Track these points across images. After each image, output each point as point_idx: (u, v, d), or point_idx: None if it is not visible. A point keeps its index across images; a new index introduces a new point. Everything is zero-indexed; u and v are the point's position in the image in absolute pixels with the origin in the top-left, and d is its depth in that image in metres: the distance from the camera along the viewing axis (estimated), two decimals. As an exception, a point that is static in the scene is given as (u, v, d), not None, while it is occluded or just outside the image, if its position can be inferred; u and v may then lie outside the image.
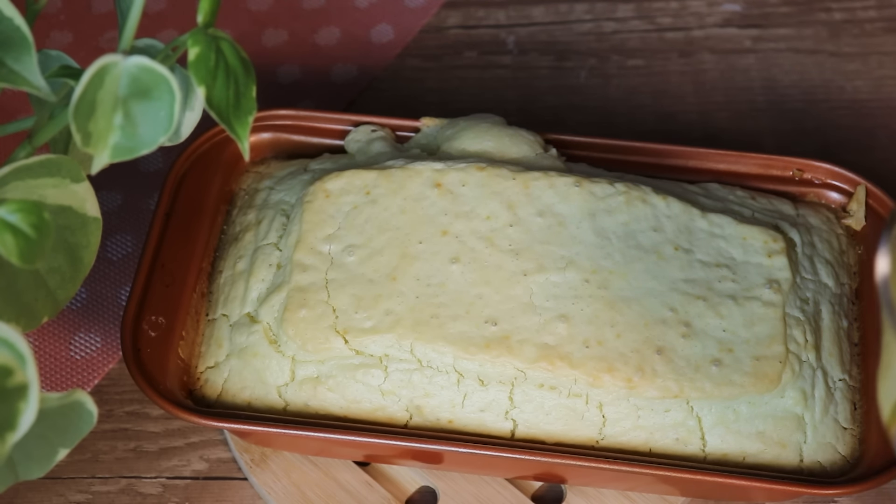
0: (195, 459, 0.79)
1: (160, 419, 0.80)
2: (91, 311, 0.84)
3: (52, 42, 0.96)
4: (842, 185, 0.80)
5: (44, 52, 0.65)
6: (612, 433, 0.71)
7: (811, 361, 0.72)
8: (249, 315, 0.74)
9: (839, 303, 0.75)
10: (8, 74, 0.59)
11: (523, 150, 0.78)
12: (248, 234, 0.77)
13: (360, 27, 0.98)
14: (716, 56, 0.97)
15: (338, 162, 0.80)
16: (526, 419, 0.71)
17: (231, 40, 0.60)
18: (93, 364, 0.82)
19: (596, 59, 0.97)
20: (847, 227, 0.79)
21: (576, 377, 0.70)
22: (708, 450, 0.71)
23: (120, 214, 0.88)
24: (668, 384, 0.69)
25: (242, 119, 0.60)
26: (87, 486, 0.78)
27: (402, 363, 0.71)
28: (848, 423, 0.72)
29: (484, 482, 0.75)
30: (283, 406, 0.72)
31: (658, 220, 0.74)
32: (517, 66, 0.96)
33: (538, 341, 0.70)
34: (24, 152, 0.61)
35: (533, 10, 0.99)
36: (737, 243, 0.74)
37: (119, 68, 0.57)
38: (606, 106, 0.94)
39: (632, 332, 0.70)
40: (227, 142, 0.80)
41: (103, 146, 0.57)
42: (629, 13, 0.99)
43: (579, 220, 0.74)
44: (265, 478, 0.76)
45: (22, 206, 0.54)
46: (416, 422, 0.71)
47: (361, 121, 0.82)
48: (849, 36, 0.97)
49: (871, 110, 0.93)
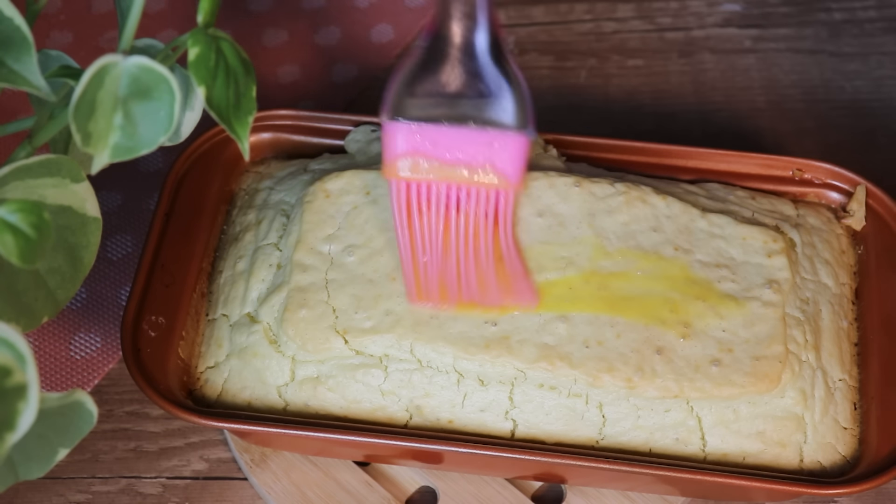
0: (195, 459, 0.79)
1: (160, 419, 0.80)
2: (91, 311, 0.84)
3: (52, 42, 0.96)
4: (842, 185, 0.80)
5: (44, 52, 0.65)
6: (612, 433, 0.71)
7: (811, 361, 0.72)
8: (249, 315, 0.74)
9: (839, 303, 0.75)
10: (8, 74, 0.59)
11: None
12: (248, 234, 0.77)
13: (360, 27, 0.98)
14: (716, 56, 0.97)
15: (338, 162, 0.80)
16: (526, 419, 0.71)
17: (231, 40, 0.60)
18: (93, 364, 0.82)
19: (596, 59, 0.97)
20: (847, 227, 0.79)
21: (576, 377, 0.70)
22: (708, 450, 0.71)
23: (120, 214, 0.88)
24: (667, 384, 0.69)
25: (242, 119, 0.60)
26: (87, 486, 0.78)
27: (402, 363, 0.71)
28: (848, 423, 0.72)
29: (484, 482, 0.75)
30: (283, 406, 0.72)
31: (658, 220, 0.74)
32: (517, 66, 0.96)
33: (538, 341, 0.70)
34: (24, 152, 0.61)
35: (533, 10, 0.99)
36: (737, 243, 0.74)
37: (119, 68, 0.57)
38: (606, 106, 0.94)
39: (632, 332, 0.70)
40: (227, 142, 0.80)
41: (103, 146, 0.57)
42: (629, 13, 0.99)
43: (579, 220, 0.74)
44: (265, 478, 0.76)
45: (22, 206, 0.54)
46: (416, 422, 0.71)
47: (361, 121, 0.82)
48: (849, 36, 0.97)
49: (871, 110, 0.93)
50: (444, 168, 0.68)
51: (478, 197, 0.69)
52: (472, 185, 0.69)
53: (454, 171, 0.68)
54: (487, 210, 0.70)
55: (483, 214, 0.70)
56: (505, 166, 0.68)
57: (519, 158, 0.68)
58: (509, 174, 0.69)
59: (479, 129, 0.68)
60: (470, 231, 0.70)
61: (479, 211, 0.69)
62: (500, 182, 0.69)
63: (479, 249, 0.70)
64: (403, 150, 0.68)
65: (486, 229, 0.70)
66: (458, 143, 0.68)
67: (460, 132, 0.68)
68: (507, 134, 0.68)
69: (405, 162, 0.68)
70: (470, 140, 0.68)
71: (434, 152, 0.68)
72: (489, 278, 0.70)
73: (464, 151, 0.68)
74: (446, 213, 0.69)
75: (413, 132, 0.68)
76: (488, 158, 0.68)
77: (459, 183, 0.69)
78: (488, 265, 0.70)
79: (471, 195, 0.69)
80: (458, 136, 0.68)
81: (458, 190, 0.69)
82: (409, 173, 0.68)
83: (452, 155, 0.68)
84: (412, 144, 0.68)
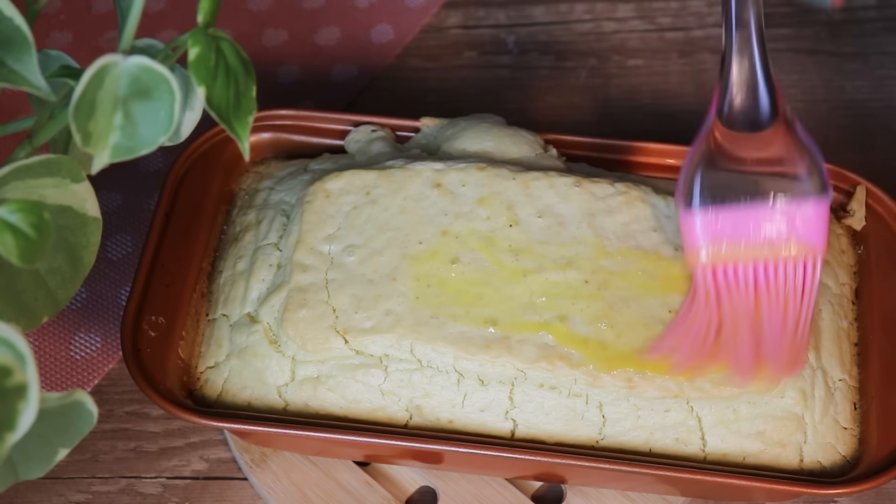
0: (195, 459, 0.79)
1: (160, 419, 0.80)
2: (91, 311, 0.84)
3: (52, 42, 0.96)
4: (842, 185, 0.80)
5: (44, 52, 0.65)
6: (612, 433, 0.71)
7: (811, 361, 0.72)
8: (249, 315, 0.74)
9: (839, 303, 0.75)
10: (8, 74, 0.59)
11: (523, 150, 0.78)
12: (248, 234, 0.77)
13: (360, 27, 0.98)
14: (716, 56, 0.97)
15: (338, 162, 0.80)
16: (526, 419, 0.71)
17: (231, 40, 0.60)
18: (93, 364, 0.82)
19: (596, 59, 0.97)
20: (847, 226, 0.79)
21: (576, 377, 0.70)
22: (708, 450, 0.71)
23: (120, 214, 0.88)
24: (667, 384, 0.69)
25: (242, 119, 0.60)
26: (87, 486, 0.78)
27: (402, 363, 0.71)
28: (848, 423, 0.72)
29: (484, 482, 0.75)
30: (283, 406, 0.72)
31: (658, 220, 0.74)
32: (517, 66, 0.96)
33: (538, 341, 0.70)
34: (24, 152, 0.61)
35: (533, 10, 0.99)
36: (737, 243, 0.74)
37: (119, 68, 0.57)
38: (606, 106, 0.94)
39: (632, 332, 0.70)
40: (227, 142, 0.80)
41: (103, 146, 0.57)
42: (629, 13, 0.99)
43: (579, 220, 0.74)
44: (265, 478, 0.76)
45: (22, 206, 0.54)
46: (416, 422, 0.71)
47: (361, 121, 0.82)
48: (849, 36, 0.97)
49: (871, 110, 0.93)
50: (747, 248, 0.68)
51: (785, 271, 0.68)
52: (779, 261, 0.68)
53: (758, 249, 0.68)
54: (795, 284, 0.68)
55: (792, 288, 0.68)
56: (809, 235, 0.68)
57: (822, 224, 0.68)
58: (815, 242, 0.68)
59: (778, 203, 0.67)
60: (781, 304, 0.68)
61: (787, 285, 0.68)
62: (806, 251, 0.68)
63: (788, 321, 0.69)
64: (704, 237, 0.68)
65: (794, 300, 0.69)
66: (758, 221, 0.68)
67: (759, 209, 0.68)
68: (807, 201, 0.67)
69: (707, 249, 0.68)
70: (770, 215, 0.68)
71: (735, 234, 0.68)
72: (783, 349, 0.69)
73: (765, 228, 0.68)
74: (755, 289, 0.68)
75: (712, 218, 0.68)
76: (792, 230, 0.68)
77: (765, 260, 0.68)
78: (794, 335, 0.69)
79: (778, 270, 0.68)
80: (757, 214, 0.68)
81: (765, 267, 0.68)
82: (713, 259, 0.68)
83: (755, 234, 0.68)
84: (712, 230, 0.68)
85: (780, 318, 0.68)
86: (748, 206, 0.68)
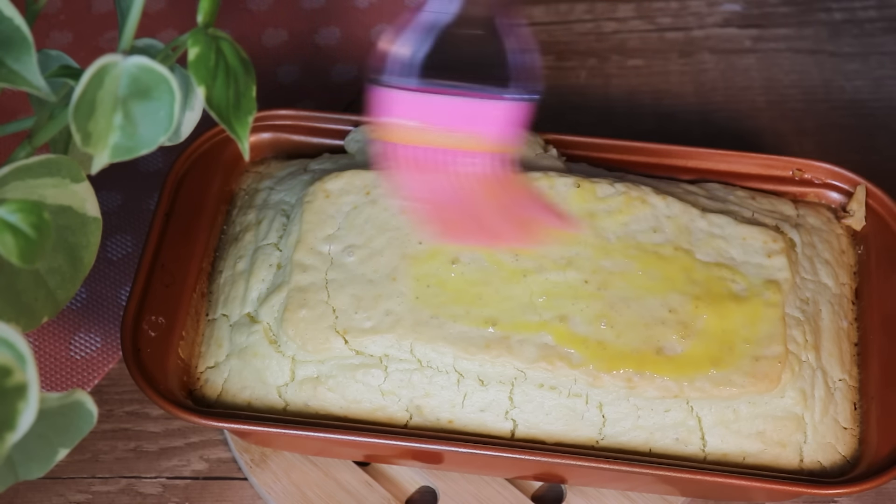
0: (195, 459, 0.79)
1: (160, 419, 0.80)
2: (91, 311, 0.84)
3: (52, 42, 0.96)
4: (842, 185, 0.80)
5: (44, 52, 0.65)
6: (612, 433, 0.71)
7: (811, 361, 0.72)
8: (249, 315, 0.74)
9: (839, 303, 0.75)
10: (8, 74, 0.59)
11: (523, 149, 0.78)
12: (248, 235, 0.77)
13: (360, 27, 0.98)
14: (716, 56, 0.97)
15: (338, 162, 0.80)
16: (526, 419, 0.71)
17: (231, 40, 0.60)
18: (93, 364, 0.82)
19: (596, 59, 0.97)
20: (847, 227, 0.79)
21: (576, 377, 0.70)
22: (708, 450, 0.71)
23: (120, 214, 0.88)
24: (667, 384, 0.69)
25: (242, 119, 0.60)
26: (87, 486, 0.78)
27: (402, 363, 0.71)
28: (848, 423, 0.72)
29: (484, 482, 0.75)
30: (283, 406, 0.72)
31: (658, 221, 0.74)
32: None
33: (538, 341, 0.70)
34: (24, 152, 0.61)
35: (533, 10, 0.99)
36: (737, 243, 0.74)
37: (119, 68, 0.57)
38: (606, 106, 0.94)
39: (632, 332, 0.70)
40: (227, 142, 0.80)
41: (103, 146, 0.57)
42: (629, 13, 0.99)
43: (579, 220, 0.74)
44: (265, 478, 0.76)
45: (22, 206, 0.54)
46: (416, 422, 0.71)
47: (361, 121, 0.82)
48: (849, 36, 0.97)
49: (871, 110, 0.93)
50: (438, 135, 0.68)
51: (473, 159, 0.69)
52: (467, 151, 0.68)
53: (448, 138, 0.68)
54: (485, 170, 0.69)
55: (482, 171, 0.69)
56: (499, 132, 0.68)
57: (512, 122, 0.68)
58: (502, 139, 0.68)
59: (471, 96, 0.67)
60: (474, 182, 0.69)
61: (476, 169, 0.69)
62: (493, 147, 0.68)
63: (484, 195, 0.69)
64: (396, 115, 0.68)
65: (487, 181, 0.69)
66: (451, 111, 0.68)
67: (454, 100, 0.68)
68: (501, 99, 0.67)
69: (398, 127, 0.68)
70: (464, 107, 0.68)
71: (427, 119, 0.68)
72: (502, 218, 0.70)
73: (457, 119, 0.68)
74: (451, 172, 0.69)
75: (407, 99, 0.68)
76: (482, 124, 0.68)
77: (455, 148, 0.68)
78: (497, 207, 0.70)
79: (467, 158, 0.69)
80: (451, 104, 0.68)
81: (453, 155, 0.68)
82: (403, 139, 0.68)
83: (447, 122, 0.68)
84: (406, 111, 0.68)
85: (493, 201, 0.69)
86: (445, 96, 0.68)
